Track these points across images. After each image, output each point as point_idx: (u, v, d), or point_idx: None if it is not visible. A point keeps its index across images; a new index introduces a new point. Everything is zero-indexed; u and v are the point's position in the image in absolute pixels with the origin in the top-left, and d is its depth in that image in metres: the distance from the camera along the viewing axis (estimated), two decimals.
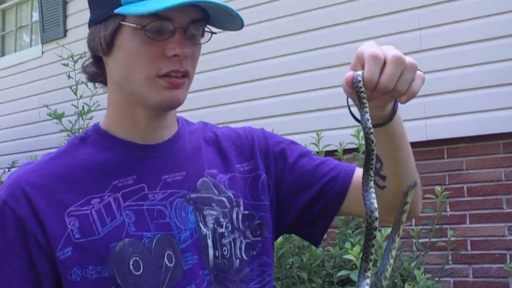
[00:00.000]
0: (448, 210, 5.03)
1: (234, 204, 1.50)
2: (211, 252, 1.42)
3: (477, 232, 4.93)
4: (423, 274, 3.23)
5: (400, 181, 1.41)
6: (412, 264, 3.53)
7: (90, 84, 6.00)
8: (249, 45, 6.02)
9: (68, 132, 5.83)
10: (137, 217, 1.36)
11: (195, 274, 1.39)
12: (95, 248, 1.32)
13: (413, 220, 4.86)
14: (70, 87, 6.04)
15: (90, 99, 5.97)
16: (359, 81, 1.17)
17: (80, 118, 5.96)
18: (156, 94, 1.34)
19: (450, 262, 4.92)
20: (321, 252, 3.50)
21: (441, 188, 3.94)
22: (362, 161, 3.91)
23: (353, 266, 3.11)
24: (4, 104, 8.69)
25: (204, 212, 1.44)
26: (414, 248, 4.04)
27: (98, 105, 6.05)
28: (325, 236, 1.68)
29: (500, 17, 4.86)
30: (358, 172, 1.56)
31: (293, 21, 5.87)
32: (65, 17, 8.11)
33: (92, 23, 1.41)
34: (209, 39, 1.41)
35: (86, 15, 1.44)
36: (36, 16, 8.91)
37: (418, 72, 1.21)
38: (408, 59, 1.19)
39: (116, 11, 1.32)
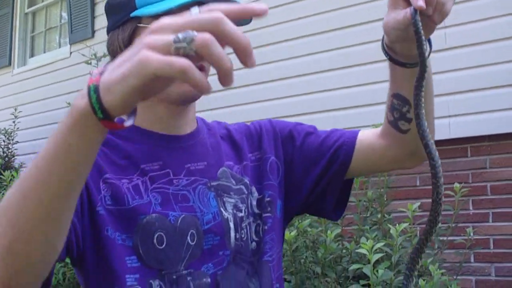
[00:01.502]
0: (471, 208, 4.99)
1: (250, 190, 1.58)
2: (232, 234, 1.50)
3: (500, 230, 4.89)
4: (438, 270, 3.21)
5: (427, 119, 1.46)
6: (429, 261, 3.50)
7: None
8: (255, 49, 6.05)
9: None
10: (163, 198, 1.44)
11: (214, 254, 1.46)
12: (123, 217, 1.38)
13: None
14: None
15: None
16: (416, 14, 1.25)
17: None
18: (176, 87, 1.40)
19: (472, 261, 4.88)
20: (336, 247, 3.49)
21: (460, 186, 3.90)
22: None
23: (368, 261, 3.09)
24: (32, 104, 8.79)
25: (224, 198, 1.52)
26: (436, 246, 4.02)
27: None
28: (343, 215, 1.80)
29: None
30: (362, 134, 1.63)
31: (302, 24, 5.87)
32: (93, 18, 8.20)
33: (110, 29, 1.49)
34: None
35: None
36: (65, 17, 9.00)
37: None
38: None
39: (132, 14, 1.42)
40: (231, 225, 1.50)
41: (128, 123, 0.94)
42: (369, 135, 1.63)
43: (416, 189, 5.23)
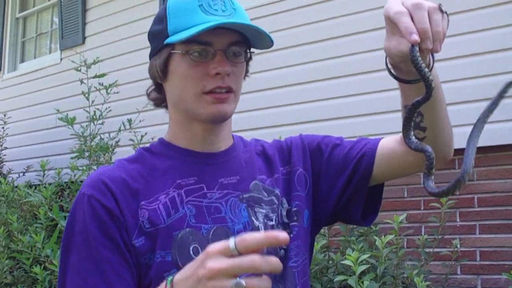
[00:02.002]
0: (458, 220, 5.00)
1: (281, 201, 1.68)
2: None
3: (487, 242, 4.89)
4: (423, 282, 3.21)
5: (438, 129, 1.57)
6: (415, 272, 3.51)
7: (103, 91, 6.07)
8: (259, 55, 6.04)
9: (80, 137, 5.88)
10: (197, 211, 1.55)
11: None
12: (161, 235, 1.50)
13: (423, 228, 4.85)
14: (83, 92, 6.09)
15: (102, 105, 6.02)
16: (415, 51, 1.30)
17: (92, 124, 6.00)
18: (205, 109, 1.56)
19: (459, 273, 4.89)
20: (322, 258, 3.50)
21: (446, 198, 3.91)
22: None
23: (353, 272, 3.10)
24: (22, 110, 8.77)
25: (255, 209, 1.63)
26: (422, 258, 4.03)
27: (110, 111, 6.09)
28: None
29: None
30: (384, 142, 1.71)
31: (312, 29, 5.88)
32: (84, 24, 8.19)
33: (150, 56, 1.66)
34: (248, 59, 1.64)
35: (105, 23, 1.54)
36: (56, 22, 9.00)
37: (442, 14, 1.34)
38: (428, 3, 1.32)
39: (166, 41, 1.56)
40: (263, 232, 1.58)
41: None
42: (390, 142, 1.69)
43: (403, 201, 5.24)
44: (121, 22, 7.60)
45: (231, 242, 1.13)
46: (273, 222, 1.64)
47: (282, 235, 1.12)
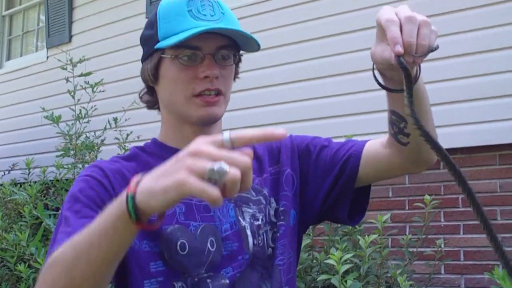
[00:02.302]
0: (442, 220, 5.02)
1: (268, 201, 1.72)
2: (250, 240, 1.64)
3: (471, 242, 4.92)
4: (406, 281, 3.22)
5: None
6: (398, 272, 3.53)
7: (89, 89, 6.06)
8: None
9: (65, 136, 5.86)
10: (186, 208, 1.61)
11: (233, 258, 1.61)
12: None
13: (407, 228, 4.87)
14: (69, 91, 6.08)
15: (88, 103, 6.00)
16: (402, 61, 1.30)
17: (78, 122, 5.99)
18: (195, 112, 1.61)
19: (443, 272, 4.91)
20: (306, 257, 3.50)
21: (430, 198, 3.93)
22: None
23: (336, 272, 3.11)
24: (7, 108, 8.75)
25: (243, 208, 1.67)
26: (406, 257, 4.04)
27: (96, 109, 6.08)
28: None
29: (492, 30, 4.91)
30: (369, 144, 1.72)
31: (298, 29, 5.89)
32: (70, 23, 8.17)
33: (142, 60, 1.71)
34: (237, 62, 1.70)
35: (91, 22, 1.56)
36: (43, 20, 8.96)
37: (432, 28, 1.34)
38: (421, 16, 1.32)
39: (156, 46, 1.62)
40: (248, 232, 1.65)
41: (157, 224, 1.18)
42: (376, 145, 1.71)
43: (388, 200, 5.26)
44: (108, 21, 7.58)
45: (225, 133, 1.10)
46: (260, 222, 1.68)
47: (278, 130, 1.09)
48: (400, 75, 1.33)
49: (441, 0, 5.10)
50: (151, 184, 1.11)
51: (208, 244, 1.60)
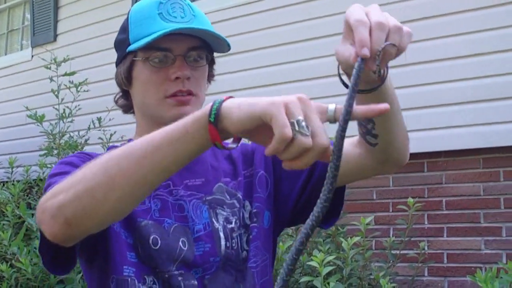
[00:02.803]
0: (426, 222, 5.04)
1: (242, 204, 1.72)
2: (223, 243, 1.64)
3: (454, 245, 4.94)
4: (389, 283, 3.23)
5: (391, 136, 1.53)
6: (381, 274, 3.53)
7: (73, 89, 6.04)
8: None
9: (49, 135, 5.84)
10: (162, 205, 1.63)
11: (205, 259, 1.61)
12: (126, 218, 1.53)
13: (391, 230, 4.88)
14: (52, 90, 6.06)
15: (72, 103, 5.98)
16: (362, 62, 1.19)
17: (61, 121, 5.97)
18: (167, 112, 1.62)
19: (426, 274, 4.92)
20: None
21: (414, 200, 3.94)
22: None
23: (318, 273, 3.10)
24: None
25: (217, 211, 1.67)
26: (390, 260, 4.05)
27: (80, 109, 6.06)
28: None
29: (479, 34, 4.94)
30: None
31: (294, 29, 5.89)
32: (56, 22, 8.14)
33: (116, 64, 1.72)
34: (210, 62, 1.72)
35: (77, 21, 1.56)
36: (28, 19, 8.92)
37: (405, 28, 1.27)
38: (392, 21, 1.25)
39: (127, 49, 1.64)
40: (221, 234, 1.65)
41: (232, 146, 1.19)
42: (347, 145, 1.64)
43: (372, 203, 5.28)
44: (93, 20, 7.56)
45: (331, 105, 1.11)
46: (233, 225, 1.68)
47: (381, 105, 1.10)
48: (365, 74, 1.27)
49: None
50: (243, 101, 1.12)
51: (180, 243, 1.61)
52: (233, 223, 1.68)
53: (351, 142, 1.65)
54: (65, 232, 1.30)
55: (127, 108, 1.78)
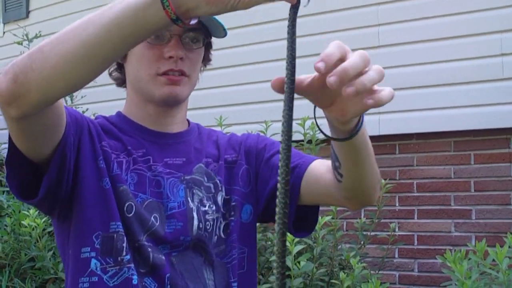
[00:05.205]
0: (397, 205, 5.07)
1: (219, 188, 1.75)
2: (195, 223, 1.67)
3: (424, 227, 4.98)
4: (359, 263, 3.24)
5: (357, 178, 1.50)
6: (351, 254, 3.54)
7: None
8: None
9: None
10: (138, 179, 1.65)
11: (175, 237, 1.64)
12: (110, 181, 1.61)
13: (362, 212, 4.90)
14: None
15: None
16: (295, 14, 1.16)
17: None
18: (158, 89, 1.66)
19: (397, 256, 4.96)
20: (260, 238, 3.51)
21: (385, 182, 3.95)
22: (307, 151, 3.94)
23: (289, 253, 3.11)
24: None
25: (194, 190, 1.70)
26: (361, 241, 4.07)
27: None
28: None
29: (455, 17, 4.96)
30: (316, 163, 1.71)
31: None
32: None
33: None
34: (207, 46, 1.75)
35: None
36: None
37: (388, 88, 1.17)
38: (376, 65, 1.15)
39: None
40: (195, 214, 1.67)
41: (192, 21, 1.23)
42: (321, 167, 1.68)
43: None
44: None
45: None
46: (206, 208, 1.70)
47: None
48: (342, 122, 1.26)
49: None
50: None
51: (153, 218, 1.63)
52: (207, 206, 1.71)
53: (327, 166, 1.62)
54: (11, 89, 1.29)
55: (121, 81, 1.81)
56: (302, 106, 1.79)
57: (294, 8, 1.16)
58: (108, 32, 1.22)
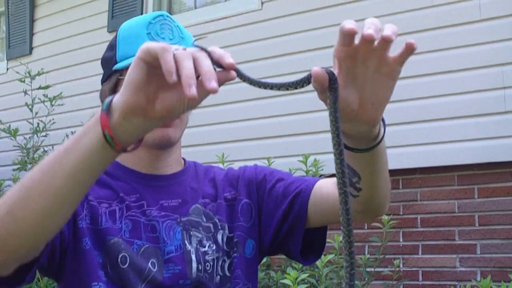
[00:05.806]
0: (401, 240, 5.03)
1: (219, 227, 1.71)
2: (194, 265, 1.63)
3: (429, 262, 4.94)
4: None
5: (374, 190, 1.49)
6: None
7: (47, 103, 6.00)
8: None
9: (23, 149, 5.80)
10: (133, 226, 1.61)
11: (174, 282, 1.60)
12: (96, 236, 1.56)
13: (366, 248, 4.86)
14: (26, 104, 6.02)
15: (46, 117, 5.93)
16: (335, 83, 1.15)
17: (35, 136, 5.93)
18: (150, 133, 1.50)
19: None
20: (263, 276, 3.47)
21: (388, 218, 3.92)
22: None
23: None
24: None
25: (191, 232, 1.66)
26: (364, 278, 4.03)
27: (54, 123, 6.02)
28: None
29: (456, 50, 4.97)
30: (321, 183, 1.69)
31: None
32: (31, 34, 8.08)
33: (102, 81, 1.73)
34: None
35: (52, 34, 1.53)
36: (4, 31, 8.86)
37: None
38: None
39: (114, 68, 1.65)
40: (193, 257, 1.64)
41: (130, 148, 1.20)
42: (328, 185, 1.66)
43: None
44: (69, 34, 7.51)
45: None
46: (206, 249, 1.67)
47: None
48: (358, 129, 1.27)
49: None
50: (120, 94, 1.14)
51: (150, 264, 1.59)
52: (207, 246, 1.68)
53: (332, 182, 1.61)
54: None
55: None
56: (304, 142, 1.78)
57: (332, 91, 1.13)
58: (66, 176, 1.18)
